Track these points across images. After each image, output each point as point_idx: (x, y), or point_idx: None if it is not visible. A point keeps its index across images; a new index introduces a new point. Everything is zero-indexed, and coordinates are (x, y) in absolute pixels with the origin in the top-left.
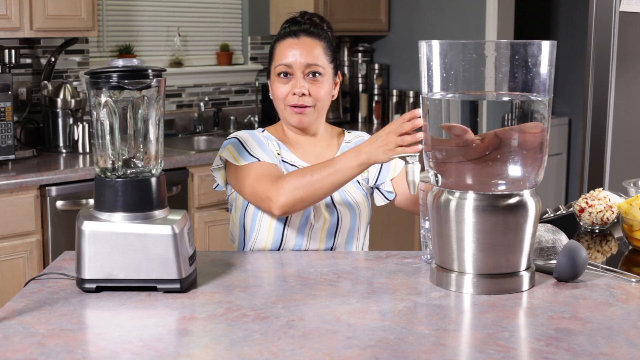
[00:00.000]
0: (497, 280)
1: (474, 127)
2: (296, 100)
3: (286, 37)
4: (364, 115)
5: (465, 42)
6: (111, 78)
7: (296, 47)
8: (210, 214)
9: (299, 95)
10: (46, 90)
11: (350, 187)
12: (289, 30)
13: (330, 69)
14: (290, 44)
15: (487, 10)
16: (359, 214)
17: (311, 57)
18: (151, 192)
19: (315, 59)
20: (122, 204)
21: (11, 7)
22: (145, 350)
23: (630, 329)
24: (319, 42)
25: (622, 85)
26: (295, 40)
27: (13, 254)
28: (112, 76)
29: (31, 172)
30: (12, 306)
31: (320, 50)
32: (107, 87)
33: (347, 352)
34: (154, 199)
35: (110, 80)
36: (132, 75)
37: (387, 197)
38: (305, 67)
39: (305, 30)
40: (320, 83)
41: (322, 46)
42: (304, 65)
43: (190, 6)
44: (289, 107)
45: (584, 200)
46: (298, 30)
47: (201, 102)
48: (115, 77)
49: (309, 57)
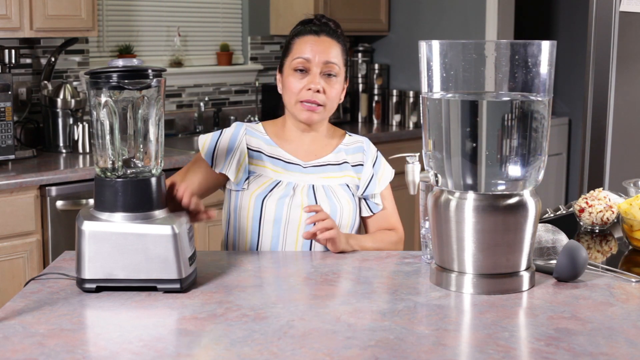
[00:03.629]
0: (497, 280)
1: (474, 127)
2: (310, 96)
3: (307, 34)
4: (364, 115)
5: (465, 42)
6: (111, 78)
7: (316, 44)
8: None
9: (314, 91)
10: (46, 90)
11: (338, 189)
12: (309, 28)
13: (343, 72)
14: (310, 40)
15: (487, 10)
16: (340, 215)
17: (330, 55)
18: (151, 192)
19: (334, 58)
20: (122, 204)
21: (11, 7)
22: (145, 350)
23: (630, 329)
24: (337, 44)
25: (622, 85)
26: (316, 38)
27: (13, 254)
28: (112, 76)
29: (31, 172)
30: (12, 306)
31: (338, 52)
32: (107, 87)
33: (347, 352)
34: (154, 199)
35: (110, 80)
36: (132, 75)
37: (372, 210)
38: (324, 65)
39: (326, 31)
40: (334, 83)
41: (340, 48)
42: (322, 63)
43: (190, 6)
44: (300, 103)
45: (584, 200)
46: (319, 29)
47: (201, 102)
48: (115, 77)
49: (328, 55)
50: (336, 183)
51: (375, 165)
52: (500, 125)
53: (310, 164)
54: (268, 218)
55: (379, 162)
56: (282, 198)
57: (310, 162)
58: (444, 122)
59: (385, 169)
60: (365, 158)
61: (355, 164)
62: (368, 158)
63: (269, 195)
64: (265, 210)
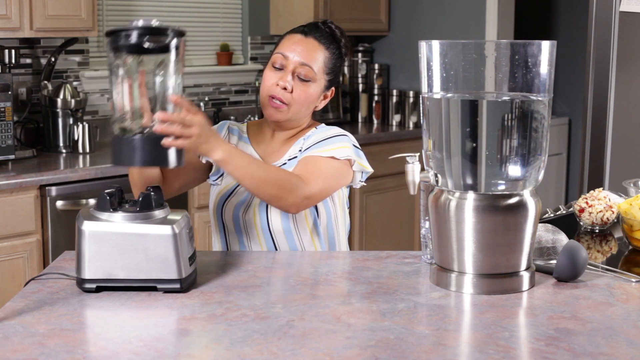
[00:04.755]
0: (497, 280)
1: (474, 127)
2: (276, 92)
3: (296, 33)
4: (364, 115)
5: (465, 42)
6: (130, 37)
7: (299, 44)
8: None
9: (281, 87)
10: (46, 90)
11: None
12: (302, 28)
13: (324, 81)
14: (295, 39)
15: (487, 10)
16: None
17: (309, 59)
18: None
19: (312, 62)
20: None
21: (11, 7)
22: (145, 350)
23: (630, 329)
24: (323, 51)
25: (622, 85)
26: (302, 38)
27: (13, 254)
28: (132, 35)
29: (31, 172)
30: (12, 306)
31: (321, 58)
32: (126, 48)
33: (347, 352)
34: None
35: (130, 40)
36: (152, 35)
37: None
38: (299, 66)
39: (316, 36)
40: (306, 87)
41: (325, 56)
42: (298, 63)
43: (190, 6)
44: (269, 99)
45: (584, 200)
46: (310, 32)
47: (201, 102)
48: (135, 36)
49: (306, 58)
50: None
51: (327, 140)
52: (500, 125)
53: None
54: (228, 225)
55: (335, 139)
56: (238, 205)
57: (273, 163)
58: (444, 122)
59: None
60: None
61: (306, 148)
62: (313, 135)
63: (227, 201)
64: (225, 215)
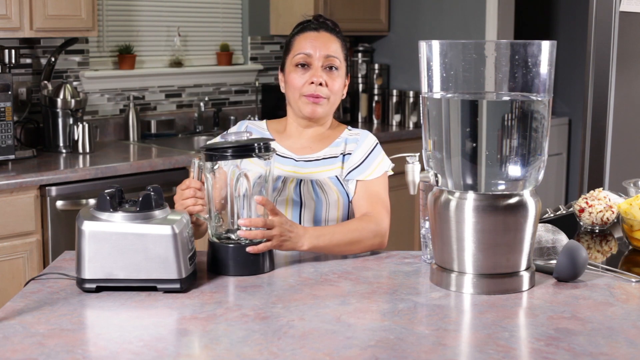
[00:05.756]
0: (497, 280)
1: (474, 127)
2: (313, 90)
3: (306, 30)
4: (364, 115)
5: (465, 42)
6: (224, 151)
7: (316, 39)
8: None
9: (316, 85)
10: (46, 90)
11: (327, 183)
12: (309, 26)
13: (344, 67)
14: (311, 36)
15: (487, 10)
16: (327, 210)
17: (330, 49)
18: (259, 257)
19: (334, 52)
20: (233, 269)
21: (11, 7)
22: (145, 350)
23: (630, 329)
24: (336, 39)
25: (622, 85)
26: (316, 34)
27: (13, 254)
28: (226, 150)
29: (31, 172)
30: (12, 306)
31: (338, 46)
32: (217, 158)
33: (347, 352)
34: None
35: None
36: (240, 150)
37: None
38: (325, 59)
39: (324, 27)
40: (336, 77)
41: (339, 43)
42: (323, 57)
43: (190, 6)
44: (304, 97)
45: (584, 200)
46: (318, 26)
47: (201, 102)
48: (230, 152)
49: (328, 49)
50: (326, 176)
51: (369, 156)
52: (500, 125)
53: (303, 158)
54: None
55: (375, 153)
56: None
57: (304, 156)
58: (444, 122)
59: (382, 161)
60: (356, 147)
61: (346, 153)
62: (359, 147)
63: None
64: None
